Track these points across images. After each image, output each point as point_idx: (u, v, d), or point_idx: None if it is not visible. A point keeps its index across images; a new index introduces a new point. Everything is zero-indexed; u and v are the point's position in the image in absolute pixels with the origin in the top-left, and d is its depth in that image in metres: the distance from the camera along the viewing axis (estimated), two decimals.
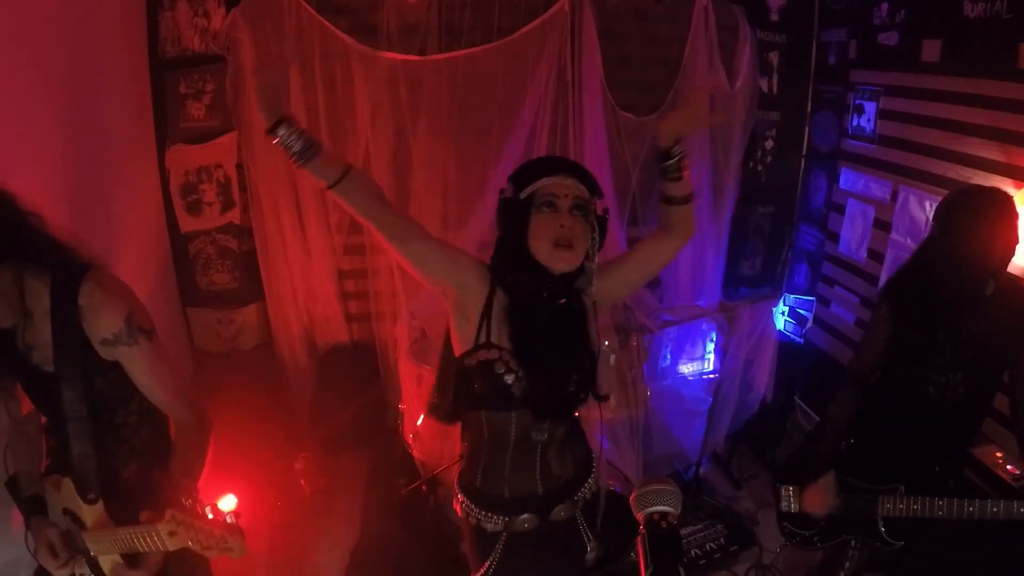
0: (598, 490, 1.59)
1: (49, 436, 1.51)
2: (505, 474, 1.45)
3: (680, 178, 1.37)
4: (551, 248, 1.33)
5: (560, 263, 1.33)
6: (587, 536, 1.55)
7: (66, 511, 1.41)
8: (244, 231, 2.99)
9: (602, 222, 1.41)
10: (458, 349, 1.41)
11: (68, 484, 1.38)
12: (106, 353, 1.35)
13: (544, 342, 1.36)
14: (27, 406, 1.51)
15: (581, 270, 1.38)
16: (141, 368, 1.38)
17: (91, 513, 1.37)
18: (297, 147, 1.19)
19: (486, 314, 1.36)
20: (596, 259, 1.40)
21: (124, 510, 1.36)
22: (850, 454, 1.90)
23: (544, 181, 1.36)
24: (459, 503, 1.54)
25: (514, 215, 1.36)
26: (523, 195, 1.36)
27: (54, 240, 1.34)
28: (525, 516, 1.46)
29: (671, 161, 1.35)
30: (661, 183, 1.40)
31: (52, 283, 1.30)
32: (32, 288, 1.31)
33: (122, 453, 1.46)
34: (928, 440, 1.79)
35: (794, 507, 1.90)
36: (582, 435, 1.58)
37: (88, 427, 1.34)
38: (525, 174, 1.39)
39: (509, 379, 1.34)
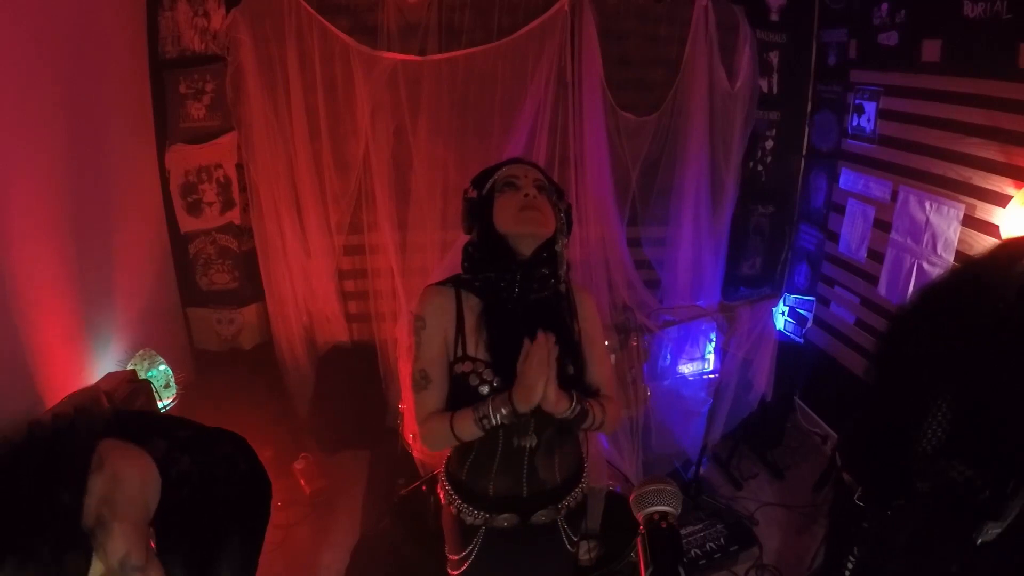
0: (584, 499, 1.55)
1: None
2: (492, 474, 1.43)
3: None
4: (517, 212, 1.31)
5: (529, 224, 1.32)
6: (568, 540, 1.53)
7: None
8: (244, 231, 2.99)
9: (567, 212, 1.40)
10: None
11: None
12: None
13: (519, 345, 1.28)
14: None
15: (553, 253, 1.35)
16: None
17: None
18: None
19: (459, 329, 1.35)
20: (566, 242, 1.39)
21: None
22: None
23: (504, 169, 1.39)
24: (443, 490, 1.54)
25: (478, 206, 1.37)
26: (485, 190, 1.38)
27: None
28: (506, 515, 1.45)
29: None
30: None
31: None
32: None
33: None
34: None
35: None
36: (575, 437, 1.53)
37: None
38: (485, 172, 1.42)
39: (484, 390, 1.32)
